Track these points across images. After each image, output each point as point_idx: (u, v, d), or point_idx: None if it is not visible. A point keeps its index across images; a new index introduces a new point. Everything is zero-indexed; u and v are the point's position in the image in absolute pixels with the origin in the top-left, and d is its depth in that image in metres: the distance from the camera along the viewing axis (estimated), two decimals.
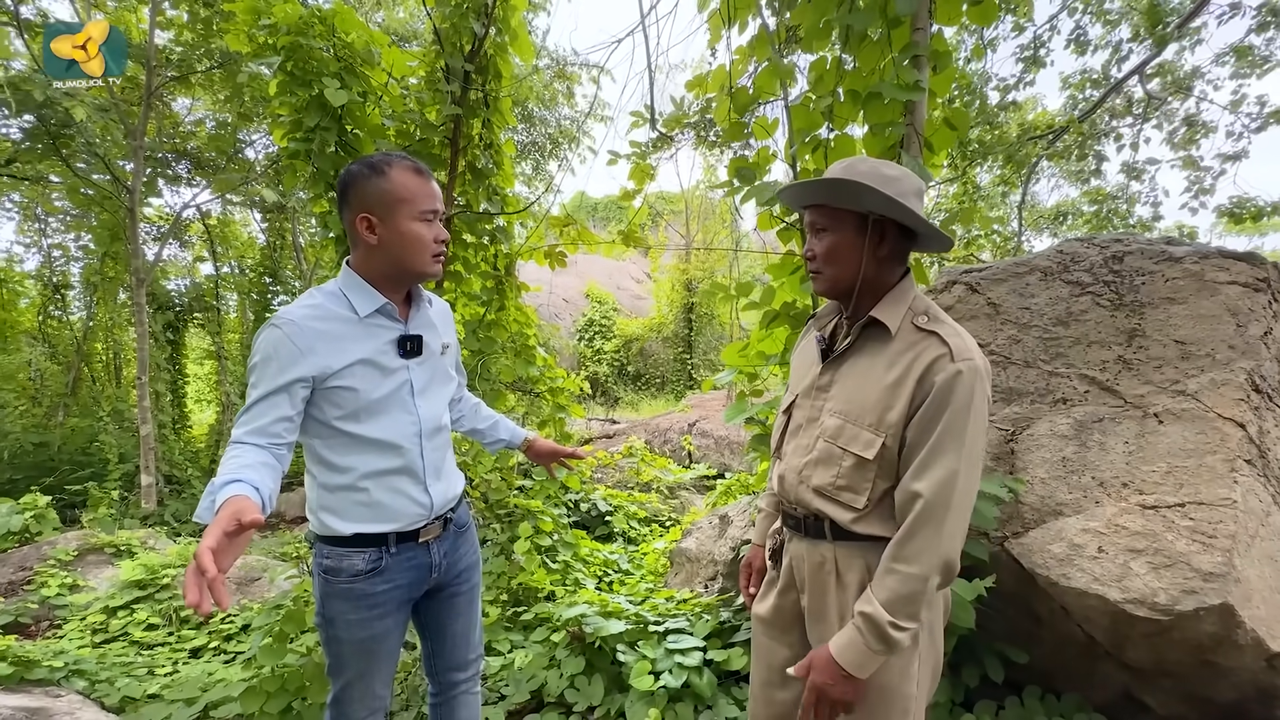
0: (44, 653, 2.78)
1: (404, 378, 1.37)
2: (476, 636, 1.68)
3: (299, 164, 2.89)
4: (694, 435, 8.36)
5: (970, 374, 1.09)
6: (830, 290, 1.25)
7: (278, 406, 1.22)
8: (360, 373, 1.30)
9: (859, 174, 1.14)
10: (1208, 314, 1.97)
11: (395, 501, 1.36)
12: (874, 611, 1.09)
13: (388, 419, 1.34)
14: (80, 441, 7.47)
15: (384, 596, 1.39)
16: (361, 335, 1.31)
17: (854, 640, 1.10)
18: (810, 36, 2.35)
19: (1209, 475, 1.76)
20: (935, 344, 1.13)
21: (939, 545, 1.08)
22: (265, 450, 1.18)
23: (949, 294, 2.62)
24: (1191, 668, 1.79)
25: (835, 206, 1.19)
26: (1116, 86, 5.96)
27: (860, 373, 1.21)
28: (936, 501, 1.07)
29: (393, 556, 1.38)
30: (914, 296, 1.21)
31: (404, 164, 1.31)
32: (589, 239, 3.37)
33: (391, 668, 1.49)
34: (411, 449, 1.37)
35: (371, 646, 1.41)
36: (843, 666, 1.10)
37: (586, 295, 17.32)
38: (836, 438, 1.20)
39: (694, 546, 3.60)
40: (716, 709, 2.27)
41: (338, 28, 2.80)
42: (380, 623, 1.40)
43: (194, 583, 0.87)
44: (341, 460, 1.32)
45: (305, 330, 1.25)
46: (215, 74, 7.31)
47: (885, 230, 1.18)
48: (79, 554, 4.54)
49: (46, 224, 9.29)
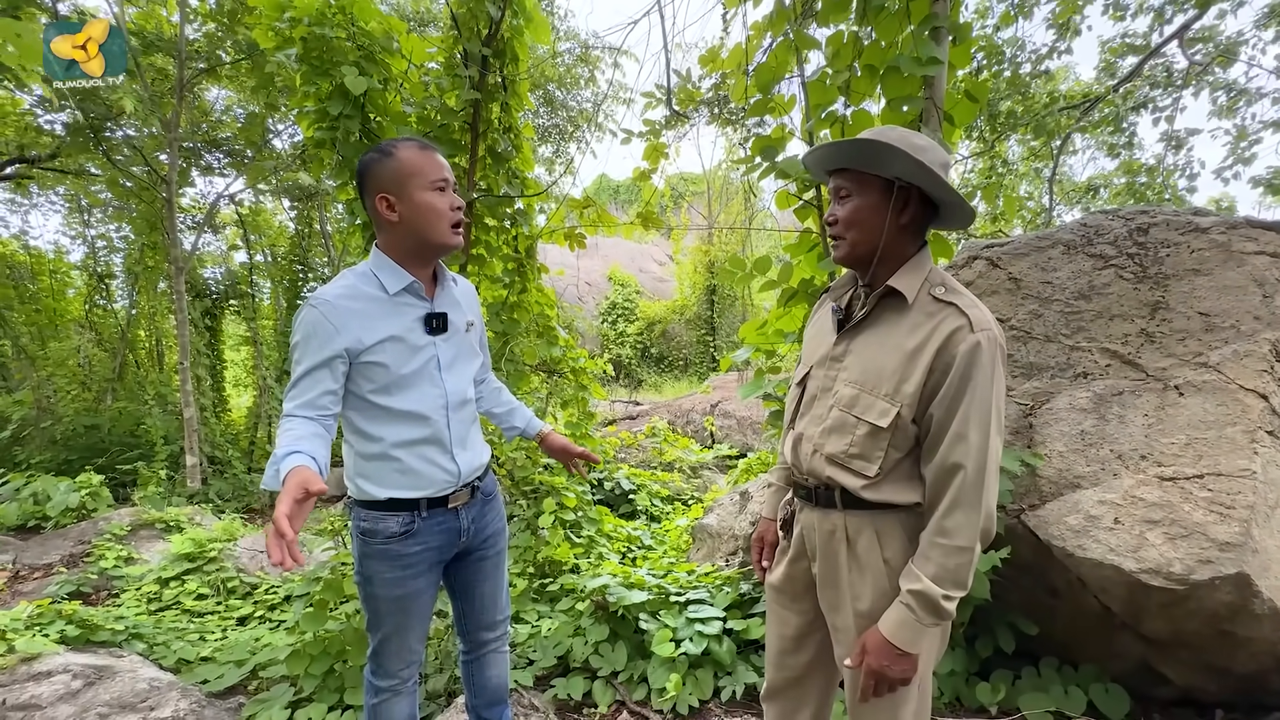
0: (105, 618, 2.99)
1: (431, 353, 1.45)
2: (504, 599, 1.76)
3: (325, 152, 2.97)
4: (716, 416, 8.40)
5: (990, 344, 1.10)
6: (850, 257, 1.24)
7: (321, 381, 1.32)
8: (390, 349, 1.37)
9: (889, 139, 1.14)
10: (1233, 285, 1.94)
11: (425, 469, 1.45)
12: (925, 588, 1.10)
13: (416, 392, 1.42)
14: (128, 424, 7.83)
15: (416, 557, 1.49)
16: (391, 313, 1.39)
17: (906, 618, 1.12)
18: (828, 9, 2.33)
19: (1229, 446, 1.75)
20: (954, 314, 1.13)
21: (979, 515, 1.09)
22: (315, 422, 1.29)
23: (970, 269, 2.60)
24: (1209, 638, 1.80)
25: (862, 171, 1.19)
26: (1153, 53, 5.71)
27: (877, 342, 1.21)
28: (976, 471, 1.09)
29: (424, 520, 1.48)
30: (930, 268, 1.21)
31: (408, 143, 1.40)
32: (608, 220, 3.41)
33: (424, 625, 1.59)
34: (439, 420, 1.45)
35: (406, 604, 1.51)
36: (897, 645, 1.12)
37: (609, 278, 17.36)
38: (851, 406, 1.21)
39: (715, 523, 3.67)
40: (735, 675, 2.35)
41: (356, 16, 2.85)
42: (413, 581, 1.50)
43: (276, 544, 1.01)
44: (375, 430, 1.41)
45: (339, 309, 1.33)
46: (242, 65, 7.46)
47: (909, 198, 1.18)
48: (132, 529, 4.81)
49: (90, 216, 9.66)
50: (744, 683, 2.31)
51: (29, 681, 2.26)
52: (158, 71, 7.53)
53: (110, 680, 2.32)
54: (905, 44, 2.17)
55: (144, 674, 2.42)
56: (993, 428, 1.10)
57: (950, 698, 2.13)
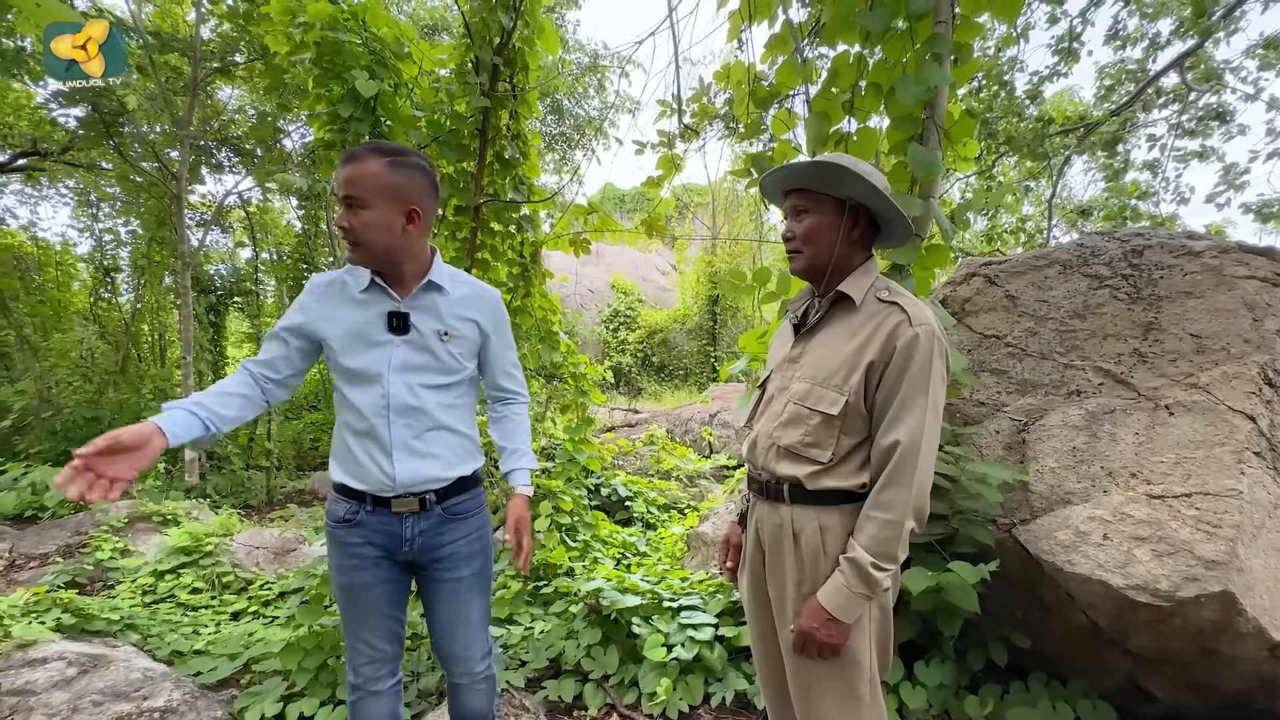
0: (101, 608, 3.00)
1: (387, 352, 1.45)
2: (468, 633, 1.61)
3: (334, 154, 3.02)
4: (714, 426, 8.41)
5: (928, 336, 1.21)
6: (807, 269, 1.37)
7: (272, 346, 1.48)
8: (348, 340, 1.46)
9: (844, 163, 1.27)
10: (1224, 308, 1.98)
11: (367, 464, 1.46)
12: (857, 556, 1.20)
13: (362, 387, 1.45)
14: (127, 417, 7.84)
15: (359, 549, 1.50)
16: (356, 308, 1.47)
17: (838, 585, 1.22)
18: (833, 30, 2.38)
19: (1217, 466, 1.78)
20: (896, 312, 1.25)
21: (911, 492, 1.19)
22: (248, 376, 1.45)
23: (968, 285, 2.64)
24: (1194, 655, 1.82)
25: (819, 191, 1.32)
26: (1153, 80, 5.79)
27: (828, 341, 1.34)
28: (910, 448, 1.19)
29: (368, 514, 1.49)
30: (876, 275, 1.35)
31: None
32: (612, 226, 3.46)
33: (382, 624, 1.55)
34: (377, 421, 1.44)
35: (353, 595, 1.52)
36: (828, 610, 1.22)
37: (612, 286, 17.43)
38: (805, 400, 1.32)
39: (710, 531, 3.68)
40: (726, 681, 2.36)
41: (368, 22, 2.91)
42: (358, 574, 1.50)
43: (65, 473, 1.12)
44: (339, 414, 1.50)
45: (314, 292, 1.48)
46: (255, 65, 7.56)
47: (859, 216, 1.32)
48: (129, 521, 4.82)
49: (99, 209, 9.73)
50: (734, 689, 2.33)
51: (24, 667, 2.27)
52: (172, 70, 7.62)
53: (104, 669, 2.33)
54: (910, 64, 2.22)
55: (138, 664, 2.43)
56: (929, 412, 1.20)
57: (939, 710, 2.15)
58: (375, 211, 1.37)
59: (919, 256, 2.20)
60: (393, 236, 1.40)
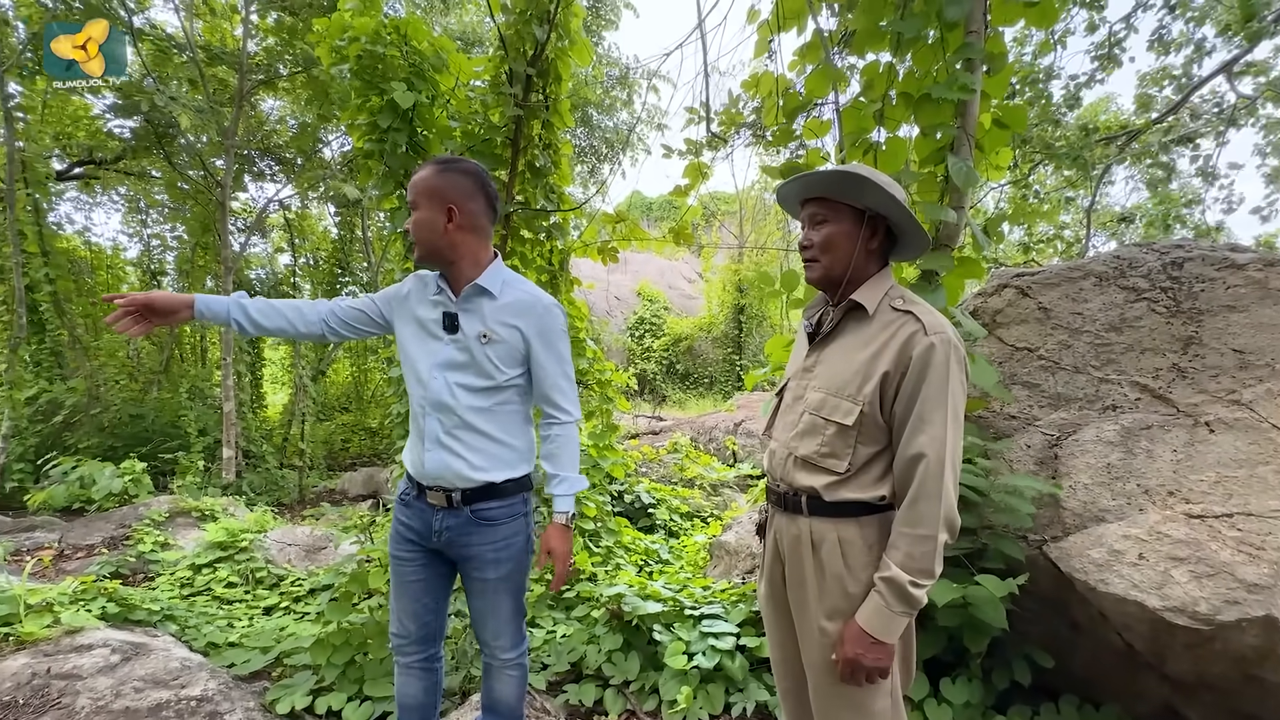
0: (142, 598, 3.12)
1: (439, 348, 1.56)
2: (496, 625, 1.67)
3: (373, 163, 3.12)
4: (739, 435, 8.36)
5: (944, 344, 1.19)
6: (824, 278, 1.36)
7: (363, 301, 1.68)
8: (411, 329, 1.60)
9: (864, 173, 1.27)
10: (1269, 322, 1.92)
11: (413, 449, 1.62)
12: (893, 574, 1.17)
13: (413, 378, 1.60)
14: (170, 415, 8.14)
15: (404, 527, 1.63)
16: (427, 306, 1.59)
17: (878, 606, 1.19)
18: (864, 39, 2.38)
19: (1260, 486, 1.72)
20: (910, 321, 1.23)
21: (940, 505, 1.16)
22: (320, 310, 1.64)
23: (999, 297, 2.60)
24: (1235, 682, 1.75)
25: (838, 200, 1.31)
26: (1198, 86, 5.62)
27: (842, 351, 1.33)
28: (935, 460, 1.16)
29: (413, 498, 1.62)
30: (890, 284, 1.33)
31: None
32: (639, 234, 3.49)
33: (410, 605, 1.66)
34: (419, 412, 1.58)
35: (396, 568, 1.64)
36: (870, 633, 1.19)
37: (638, 294, 17.49)
38: (820, 409, 1.30)
39: (733, 540, 3.67)
40: (747, 692, 2.35)
41: (409, 36, 3.01)
42: (399, 549, 1.63)
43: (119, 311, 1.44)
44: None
45: (411, 283, 1.64)
46: (298, 78, 7.83)
47: (878, 227, 1.32)
48: (169, 516, 5.01)
49: (148, 216, 10.16)
50: (755, 700, 2.31)
51: (72, 653, 2.38)
52: (219, 82, 7.94)
53: (145, 657, 2.43)
54: (941, 74, 2.21)
55: (176, 654, 2.52)
56: (950, 421, 1.17)
57: None
58: (422, 212, 1.51)
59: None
60: (436, 235, 1.50)
